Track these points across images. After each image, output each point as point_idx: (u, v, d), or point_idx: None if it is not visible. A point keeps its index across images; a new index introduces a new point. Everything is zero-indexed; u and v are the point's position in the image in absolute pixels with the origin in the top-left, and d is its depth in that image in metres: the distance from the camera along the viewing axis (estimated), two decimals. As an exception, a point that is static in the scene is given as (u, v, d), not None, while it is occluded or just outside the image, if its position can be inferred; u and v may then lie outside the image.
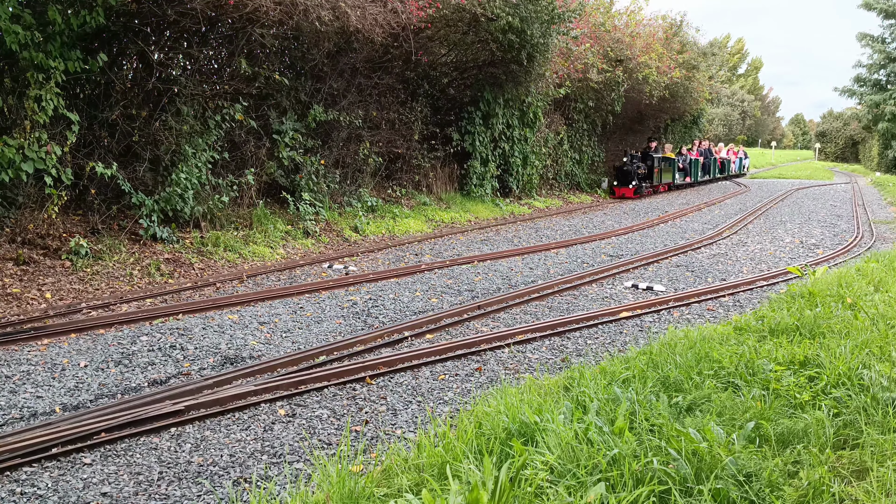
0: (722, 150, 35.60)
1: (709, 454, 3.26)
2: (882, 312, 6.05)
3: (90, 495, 3.66)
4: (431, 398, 5.12)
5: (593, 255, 11.44)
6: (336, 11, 11.11)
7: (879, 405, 3.94)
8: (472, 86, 16.87)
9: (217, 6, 9.89)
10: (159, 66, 10.27)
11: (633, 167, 23.27)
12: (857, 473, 3.31)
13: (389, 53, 14.01)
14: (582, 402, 4.07)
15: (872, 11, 42.19)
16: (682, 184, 27.54)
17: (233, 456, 4.14)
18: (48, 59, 8.26)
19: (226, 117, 10.97)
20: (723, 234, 14.29)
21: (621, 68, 22.75)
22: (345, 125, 13.41)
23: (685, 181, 27.89)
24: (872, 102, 44.38)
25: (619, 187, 23.40)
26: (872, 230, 15.18)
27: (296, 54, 12.57)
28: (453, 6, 13.64)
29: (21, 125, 8.19)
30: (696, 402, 4.14)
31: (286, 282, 9.17)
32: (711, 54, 34.80)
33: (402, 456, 3.56)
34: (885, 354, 4.82)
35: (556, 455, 3.27)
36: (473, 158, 17.34)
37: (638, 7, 25.46)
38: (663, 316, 7.61)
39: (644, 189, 23.69)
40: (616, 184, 23.51)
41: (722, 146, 36.62)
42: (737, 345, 5.26)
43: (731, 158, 35.55)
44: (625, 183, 23.20)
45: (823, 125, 77.96)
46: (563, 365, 5.87)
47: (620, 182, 23.33)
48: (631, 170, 23.19)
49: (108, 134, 9.83)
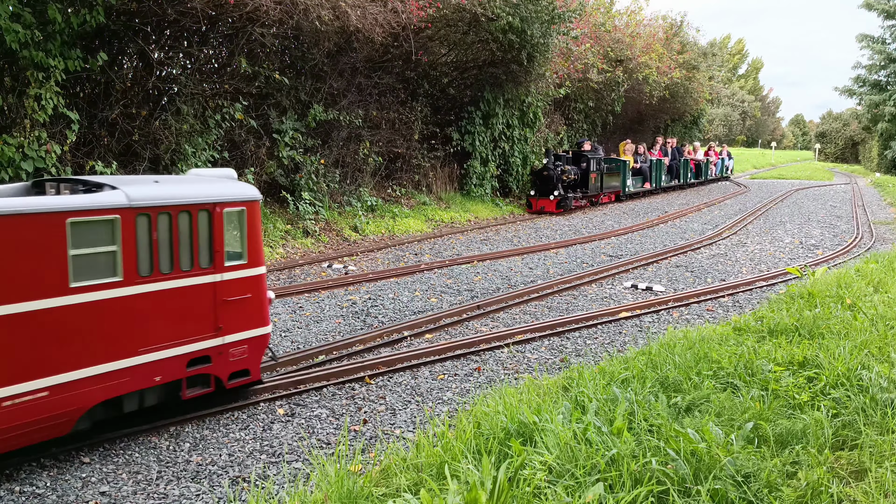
0: (698, 150, 29.88)
1: (707, 454, 3.26)
2: (881, 313, 6.05)
3: (89, 494, 3.66)
4: (430, 398, 5.12)
5: (593, 255, 11.43)
6: (336, 11, 11.11)
7: (878, 406, 3.94)
8: (472, 86, 16.87)
9: (217, 5, 9.89)
10: (159, 65, 10.26)
11: (554, 172, 17.26)
12: (856, 474, 3.31)
13: (389, 53, 14.00)
14: (581, 403, 4.07)
15: (873, 12, 42.19)
16: (638, 191, 22.10)
17: (231, 455, 4.14)
18: (48, 57, 8.25)
19: (226, 116, 10.96)
20: (722, 234, 14.29)
21: (621, 68, 22.76)
22: (345, 125, 13.41)
23: (642, 188, 22.47)
24: (872, 103, 44.39)
25: (538, 198, 17.48)
26: (872, 231, 15.18)
27: (296, 54, 12.57)
28: (453, 6, 13.63)
29: (21, 124, 8.19)
30: (694, 403, 4.14)
31: (285, 281, 9.17)
32: (712, 55, 34.76)
33: (401, 455, 3.56)
34: (884, 355, 4.82)
35: (554, 455, 3.27)
36: (473, 158, 17.33)
37: (638, 7, 25.49)
38: (662, 316, 7.61)
39: (571, 201, 17.72)
40: (533, 194, 17.64)
41: (698, 146, 30.88)
42: (736, 345, 5.25)
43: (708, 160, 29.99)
44: (544, 193, 17.31)
45: (823, 126, 77.97)
46: (562, 365, 5.87)
47: (539, 192, 17.46)
48: (553, 175, 17.22)
49: (107, 133, 9.83)
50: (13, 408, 3.63)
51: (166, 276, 4.28)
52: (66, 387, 3.84)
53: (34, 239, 3.68)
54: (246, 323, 4.74)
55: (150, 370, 4.24)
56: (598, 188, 19.05)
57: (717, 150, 31.79)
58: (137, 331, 4.17)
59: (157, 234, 4.22)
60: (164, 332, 4.31)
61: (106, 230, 3.98)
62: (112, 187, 4.12)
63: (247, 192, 4.75)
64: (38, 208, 3.72)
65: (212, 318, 4.53)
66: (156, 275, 4.23)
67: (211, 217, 4.50)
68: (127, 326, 4.12)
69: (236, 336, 4.68)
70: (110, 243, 4.02)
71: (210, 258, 4.50)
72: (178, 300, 4.35)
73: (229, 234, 4.64)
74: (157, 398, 4.42)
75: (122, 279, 4.05)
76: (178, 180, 4.73)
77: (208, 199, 4.49)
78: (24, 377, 3.67)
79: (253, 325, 4.78)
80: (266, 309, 4.86)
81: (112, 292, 4.03)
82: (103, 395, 4.00)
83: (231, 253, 4.64)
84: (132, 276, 4.11)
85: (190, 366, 4.46)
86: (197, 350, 4.48)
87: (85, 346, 3.92)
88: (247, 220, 4.72)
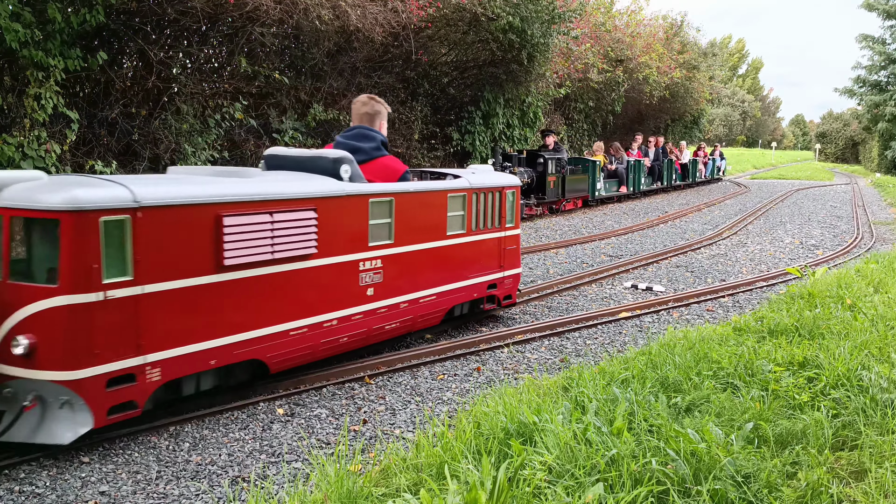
0: (684, 150, 26.74)
1: (707, 455, 3.25)
2: (881, 313, 6.05)
3: (88, 494, 3.66)
4: (430, 398, 5.12)
5: (593, 255, 11.43)
6: (336, 10, 11.11)
7: (878, 406, 3.94)
8: (472, 85, 16.88)
9: (217, 4, 9.90)
10: (159, 64, 10.26)
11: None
12: (856, 474, 3.30)
13: (389, 53, 14.00)
14: (581, 403, 4.06)
15: (874, 12, 42.21)
16: (611, 195, 20.33)
17: (231, 455, 4.14)
18: (48, 57, 8.25)
19: (225, 116, 10.96)
20: (723, 234, 14.28)
21: (621, 68, 22.77)
22: (345, 125, 13.41)
23: (617, 191, 20.65)
24: (872, 103, 44.41)
25: None
26: (872, 231, 15.18)
27: (296, 53, 12.57)
28: (454, 6, 13.64)
29: (20, 123, 8.19)
30: (694, 403, 4.13)
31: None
32: (712, 55, 34.76)
33: (401, 455, 3.56)
34: (884, 355, 4.82)
35: (554, 455, 3.27)
36: (473, 158, 17.34)
37: (638, 7, 25.50)
38: (662, 316, 7.61)
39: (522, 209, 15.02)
40: None
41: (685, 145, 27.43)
42: (736, 345, 5.25)
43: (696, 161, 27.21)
44: None
45: (823, 126, 78.00)
46: (561, 365, 5.87)
47: None
48: None
49: (107, 132, 9.83)
50: (424, 303, 6.05)
51: (481, 231, 6.63)
52: (443, 293, 6.26)
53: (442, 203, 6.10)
54: (512, 264, 7.16)
55: (473, 288, 6.68)
56: (558, 193, 16.65)
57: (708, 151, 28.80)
58: (470, 264, 6.55)
59: (479, 206, 6.55)
60: (480, 266, 6.69)
61: (463, 201, 6.31)
62: (455, 176, 6.47)
63: (515, 180, 7.13)
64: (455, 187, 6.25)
65: (498, 259, 6.96)
66: (478, 230, 6.57)
67: (501, 196, 6.83)
68: (466, 261, 6.49)
69: (508, 272, 7.12)
70: (463, 210, 6.33)
71: (499, 221, 6.87)
72: (485, 247, 6.73)
73: (508, 206, 6.97)
74: (469, 308, 6.83)
75: (465, 232, 6.40)
76: (483, 172, 6.96)
77: (500, 185, 6.82)
78: (427, 287, 6.04)
79: (515, 266, 7.25)
80: (520, 256, 7.37)
81: (463, 239, 6.42)
82: (454, 302, 6.43)
83: (508, 218, 6.98)
84: (470, 231, 6.45)
85: (488, 289, 6.85)
86: (492, 279, 6.88)
87: (450, 271, 6.32)
88: (516, 198, 7.06)
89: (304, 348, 4.98)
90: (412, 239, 5.77)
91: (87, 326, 3.75)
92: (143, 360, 4.01)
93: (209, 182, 4.40)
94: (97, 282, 3.74)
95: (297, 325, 4.88)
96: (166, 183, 4.21)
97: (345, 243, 5.14)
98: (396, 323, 5.77)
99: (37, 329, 3.72)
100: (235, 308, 4.45)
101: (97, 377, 3.82)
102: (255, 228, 4.45)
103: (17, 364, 3.76)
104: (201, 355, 4.31)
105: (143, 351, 3.99)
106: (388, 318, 5.66)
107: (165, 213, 4.01)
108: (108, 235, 3.77)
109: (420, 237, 5.87)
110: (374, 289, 5.45)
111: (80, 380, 3.76)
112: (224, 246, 4.27)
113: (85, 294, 3.71)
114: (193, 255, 4.17)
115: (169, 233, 4.04)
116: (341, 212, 5.07)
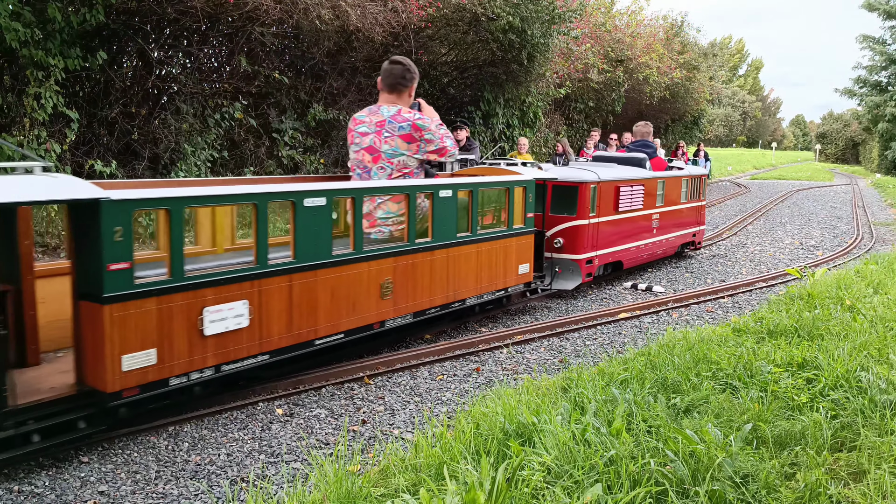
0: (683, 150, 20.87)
1: (706, 455, 3.25)
2: (881, 314, 6.05)
3: (87, 493, 3.66)
4: (429, 398, 5.12)
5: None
6: (336, 10, 11.10)
7: (877, 407, 3.94)
8: (472, 85, 16.86)
9: (217, 4, 9.88)
10: (159, 64, 10.25)
11: None
12: (854, 475, 3.30)
13: (389, 52, 13.97)
14: (580, 403, 4.06)
15: (874, 13, 42.21)
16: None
17: (230, 455, 4.14)
18: (48, 56, 8.24)
19: (225, 116, 10.95)
20: (722, 235, 14.28)
21: (622, 68, 22.74)
22: (345, 124, 13.39)
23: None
24: (873, 104, 44.41)
25: None
26: (872, 232, 15.18)
27: (296, 53, 12.56)
28: (454, 5, 13.62)
29: (20, 123, 8.18)
30: (693, 404, 4.13)
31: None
32: (712, 55, 34.71)
33: (400, 456, 3.56)
34: (883, 357, 4.82)
35: (553, 456, 3.27)
36: (473, 158, 17.31)
37: (639, 7, 25.47)
38: (662, 317, 7.61)
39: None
40: None
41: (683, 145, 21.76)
42: (735, 346, 5.25)
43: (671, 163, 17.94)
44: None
45: (824, 126, 77.98)
46: (561, 365, 5.87)
47: None
48: None
49: (107, 132, 9.82)
50: (672, 240, 10.54)
51: (691, 201, 10.95)
52: (677, 237, 10.76)
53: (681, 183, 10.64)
54: (700, 222, 11.46)
55: (687, 236, 11.07)
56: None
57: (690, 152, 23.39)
58: (687, 219, 10.89)
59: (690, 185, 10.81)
60: (687, 222, 10.94)
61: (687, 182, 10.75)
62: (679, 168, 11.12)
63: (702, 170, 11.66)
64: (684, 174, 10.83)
65: (697, 219, 11.27)
66: (689, 200, 10.83)
67: (700, 179, 11.09)
68: (688, 217, 10.92)
69: (699, 228, 11.44)
70: (686, 188, 10.67)
71: (698, 196, 11.20)
72: (694, 209, 11.10)
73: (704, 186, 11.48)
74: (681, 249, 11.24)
75: (686, 200, 10.74)
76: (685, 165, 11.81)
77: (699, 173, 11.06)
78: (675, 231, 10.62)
79: (702, 224, 11.62)
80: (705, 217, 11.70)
81: (687, 204, 10.83)
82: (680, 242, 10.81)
83: (700, 194, 11.27)
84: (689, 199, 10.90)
85: (693, 236, 11.23)
86: (691, 231, 11.15)
87: (681, 224, 10.71)
88: (701, 182, 11.27)
89: (636, 258, 9.55)
90: (669, 203, 10.15)
91: (581, 236, 8.13)
92: (594, 253, 8.39)
93: (616, 169, 9.06)
94: (588, 215, 8.20)
95: (634, 245, 9.40)
96: (600, 170, 8.62)
97: (648, 205, 9.62)
98: (662, 250, 10.27)
99: (563, 236, 8.10)
100: (622, 234, 9.02)
101: (583, 259, 8.17)
102: (627, 193, 8.99)
103: (555, 251, 8.08)
104: (609, 255, 8.73)
105: (596, 248, 8.39)
106: (660, 246, 10.15)
107: (603, 185, 8.46)
108: (593, 194, 8.27)
109: (671, 202, 10.21)
110: (656, 230, 9.91)
111: (578, 259, 8.12)
112: (619, 201, 8.78)
113: (583, 220, 8.15)
114: (609, 205, 8.62)
115: (604, 194, 8.48)
116: (647, 187, 9.56)
